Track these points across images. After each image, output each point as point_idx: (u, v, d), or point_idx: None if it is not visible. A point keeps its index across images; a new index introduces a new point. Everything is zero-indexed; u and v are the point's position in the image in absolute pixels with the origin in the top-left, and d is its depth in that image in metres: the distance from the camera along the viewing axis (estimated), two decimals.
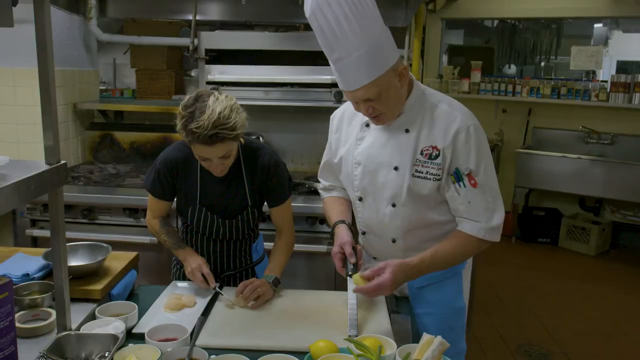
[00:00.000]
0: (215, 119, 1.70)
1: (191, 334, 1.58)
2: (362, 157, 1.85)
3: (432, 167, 1.75)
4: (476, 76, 5.93)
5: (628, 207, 5.40)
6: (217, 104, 1.73)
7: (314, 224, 2.98)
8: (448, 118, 1.74)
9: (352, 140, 1.90)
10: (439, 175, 1.75)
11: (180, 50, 4.09)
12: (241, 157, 1.98)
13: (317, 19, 1.61)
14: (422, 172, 1.76)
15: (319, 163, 3.75)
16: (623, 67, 7.83)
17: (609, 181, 5.12)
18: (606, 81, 5.42)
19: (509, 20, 6.83)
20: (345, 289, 1.82)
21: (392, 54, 1.66)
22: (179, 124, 1.77)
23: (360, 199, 1.90)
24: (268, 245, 2.35)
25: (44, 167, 1.37)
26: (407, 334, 1.72)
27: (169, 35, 3.83)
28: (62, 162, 1.42)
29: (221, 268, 2.11)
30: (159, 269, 3.04)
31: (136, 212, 3.04)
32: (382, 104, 1.69)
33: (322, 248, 2.95)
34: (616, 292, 4.61)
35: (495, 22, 7.16)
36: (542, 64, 7.25)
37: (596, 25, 7.62)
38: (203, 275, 1.90)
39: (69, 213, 2.99)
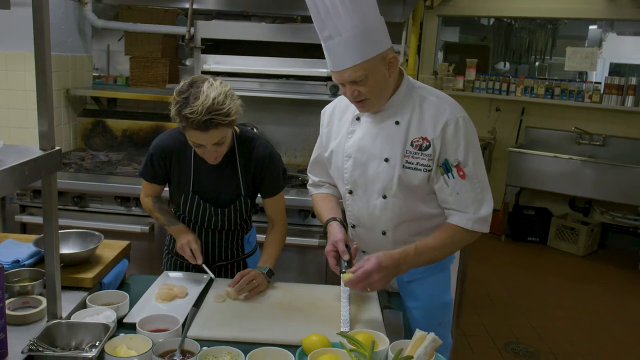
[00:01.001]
0: (210, 104, 1.70)
1: (183, 325, 1.57)
2: (353, 149, 1.85)
3: (422, 158, 1.76)
4: (471, 74, 5.93)
5: (617, 208, 5.44)
6: (212, 90, 1.72)
7: (306, 217, 2.98)
8: (437, 110, 1.76)
9: (343, 134, 1.90)
10: (429, 166, 1.76)
11: (176, 39, 4.06)
12: (236, 146, 1.97)
13: None
14: (412, 163, 1.77)
15: None
16: (616, 69, 7.88)
17: (600, 182, 5.16)
18: (600, 83, 5.44)
19: (505, 19, 6.83)
20: (337, 283, 1.82)
21: (383, 42, 1.68)
22: (172, 109, 1.76)
23: (351, 192, 1.90)
24: (260, 237, 2.34)
25: (38, 152, 1.35)
26: (400, 330, 1.72)
27: (165, 23, 3.80)
28: (57, 148, 1.40)
29: (212, 258, 2.10)
30: (149, 258, 3.03)
31: (127, 200, 3.01)
32: (368, 89, 1.70)
33: (314, 241, 2.95)
34: (603, 293, 4.65)
35: (492, 20, 7.17)
36: (537, 63, 7.27)
37: (591, 27, 7.65)
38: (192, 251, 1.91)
39: (60, 200, 2.96)
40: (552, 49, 6.94)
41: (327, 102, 3.60)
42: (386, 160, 1.79)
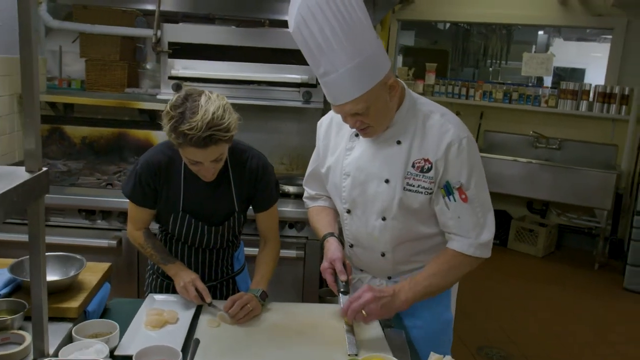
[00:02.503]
0: (209, 119, 1.58)
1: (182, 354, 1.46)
2: (351, 168, 1.77)
3: (423, 181, 1.69)
4: (431, 78, 5.98)
5: (573, 210, 5.61)
6: (210, 104, 1.61)
7: (282, 229, 2.88)
8: (441, 129, 1.69)
9: (341, 150, 1.82)
10: (431, 189, 1.69)
11: (134, 41, 3.88)
12: (228, 160, 1.85)
13: (302, 33, 1.53)
14: (413, 186, 1.70)
15: (283, 164, 3.72)
16: (558, 73, 8.16)
17: (556, 185, 5.29)
18: (556, 88, 5.60)
19: (461, 24, 6.95)
20: (314, 296, 1.74)
21: (382, 67, 1.59)
22: (167, 125, 1.63)
23: (349, 211, 1.82)
24: (248, 250, 2.25)
25: (26, 175, 1.21)
26: (404, 349, 1.68)
27: (123, 24, 3.62)
28: (44, 169, 1.27)
29: (202, 279, 1.97)
30: (117, 275, 2.84)
31: (92, 213, 2.84)
32: (370, 118, 1.63)
33: (291, 253, 2.86)
34: (563, 293, 4.77)
35: (447, 25, 7.27)
36: (491, 68, 7.43)
37: (539, 32, 7.91)
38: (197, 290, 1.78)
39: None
40: (507, 54, 7.11)
41: (300, 109, 3.55)
42: (386, 181, 1.71)
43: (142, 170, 1.83)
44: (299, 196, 2.92)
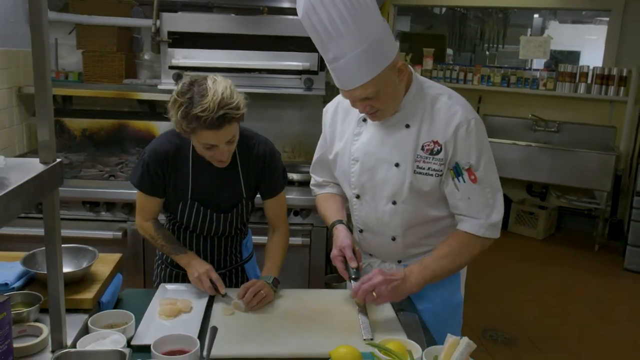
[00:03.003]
0: (220, 99, 1.59)
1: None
2: (360, 153, 1.78)
3: (434, 163, 1.70)
4: (428, 63, 5.96)
5: (572, 192, 5.63)
6: (218, 85, 1.63)
7: (287, 216, 2.86)
8: (449, 111, 1.70)
9: (349, 136, 1.82)
10: (441, 170, 1.70)
11: (130, 32, 3.85)
12: (235, 146, 1.85)
13: (310, 19, 1.53)
14: (423, 168, 1.71)
15: (286, 152, 3.71)
16: (554, 55, 8.15)
17: (555, 167, 5.30)
18: (554, 70, 5.59)
19: (457, 9, 6.92)
20: (319, 283, 1.74)
21: (390, 51, 1.59)
22: (176, 113, 1.63)
23: (358, 197, 1.83)
24: (255, 239, 2.25)
25: (40, 167, 1.21)
26: (419, 332, 1.69)
27: (119, 14, 3.59)
28: (58, 160, 1.26)
29: None
30: (124, 267, 2.85)
31: (97, 205, 2.83)
32: (380, 102, 1.63)
33: (296, 240, 2.86)
34: (563, 275, 4.80)
35: (443, 9, 7.24)
36: (487, 52, 7.41)
37: (535, 15, 7.88)
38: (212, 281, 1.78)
39: None
40: (504, 37, 7.09)
41: (301, 96, 3.54)
42: (397, 165, 1.72)
43: (149, 159, 1.83)
44: (303, 183, 2.93)
